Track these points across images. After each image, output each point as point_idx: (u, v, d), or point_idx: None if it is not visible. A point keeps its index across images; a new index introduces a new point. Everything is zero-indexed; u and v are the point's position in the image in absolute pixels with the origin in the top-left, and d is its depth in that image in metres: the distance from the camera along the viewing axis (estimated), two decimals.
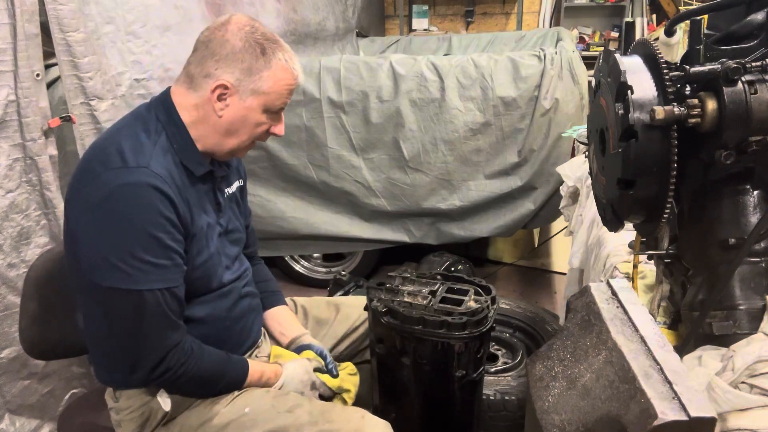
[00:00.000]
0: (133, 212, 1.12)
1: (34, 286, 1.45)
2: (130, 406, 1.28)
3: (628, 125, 0.95)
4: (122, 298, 1.13)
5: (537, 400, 0.97)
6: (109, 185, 1.12)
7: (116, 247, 1.11)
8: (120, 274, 1.11)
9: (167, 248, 1.15)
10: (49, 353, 1.52)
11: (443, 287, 1.51)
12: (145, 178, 1.13)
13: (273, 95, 1.24)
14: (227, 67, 1.20)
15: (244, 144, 1.29)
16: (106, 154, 1.16)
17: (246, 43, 1.20)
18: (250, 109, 1.24)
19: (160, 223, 1.13)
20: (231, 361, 1.30)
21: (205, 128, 1.25)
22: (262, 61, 1.21)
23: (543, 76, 2.66)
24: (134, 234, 1.11)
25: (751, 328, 0.99)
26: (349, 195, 2.91)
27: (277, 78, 1.23)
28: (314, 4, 3.64)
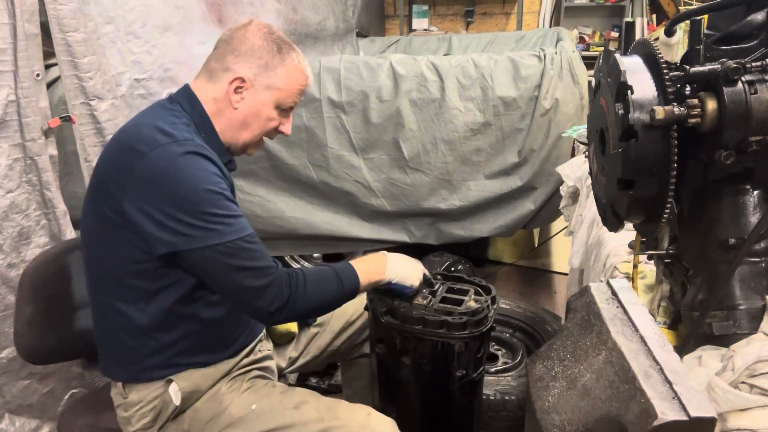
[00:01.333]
0: (197, 176, 1.16)
1: (28, 290, 1.45)
2: (140, 401, 1.29)
3: (628, 125, 0.95)
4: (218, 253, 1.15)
5: (537, 400, 0.97)
6: (165, 159, 1.15)
7: (194, 212, 1.14)
8: (206, 232, 1.15)
9: (232, 201, 1.21)
10: (45, 357, 1.52)
11: (443, 287, 1.51)
12: (196, 149, 1.19)
13: (285, 92, 1.32)
14: (245, 62, 1.29)
15: (256, 138, 1.36)
16: (147, 136, 1.19)
17: (264, 41, 1.30)
18: (263, 103, 1.31)
19: (218, 182, 1.19)
20: (339, 273, 1.30)
21: (223, 121, 1.31)
22: (278, 59, 1.30)
23: (543, 76, 2.66)
24: (204, 194, 1.15)
25: (751, 328, 0.99)
26: (349, 195, 2.91)
27: (290, 76, 1.32)
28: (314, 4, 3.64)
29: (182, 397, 1.28)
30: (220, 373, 1.34)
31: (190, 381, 1.29)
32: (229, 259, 1.16)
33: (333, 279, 1.28)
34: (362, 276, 1.32)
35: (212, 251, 1.15)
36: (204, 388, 1.32)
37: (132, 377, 1.29)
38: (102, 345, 1.33)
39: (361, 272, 1.32)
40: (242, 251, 1.17)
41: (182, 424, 1.31)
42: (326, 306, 1.33)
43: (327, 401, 1.35)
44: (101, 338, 1.33)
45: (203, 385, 1.32)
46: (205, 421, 1.30)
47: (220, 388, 1.33)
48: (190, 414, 1.31)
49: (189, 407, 1.31)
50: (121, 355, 1.29)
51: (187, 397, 1.29)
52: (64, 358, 1.56)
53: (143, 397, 1.29)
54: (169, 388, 1.28)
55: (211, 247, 1.15)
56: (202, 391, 1.32)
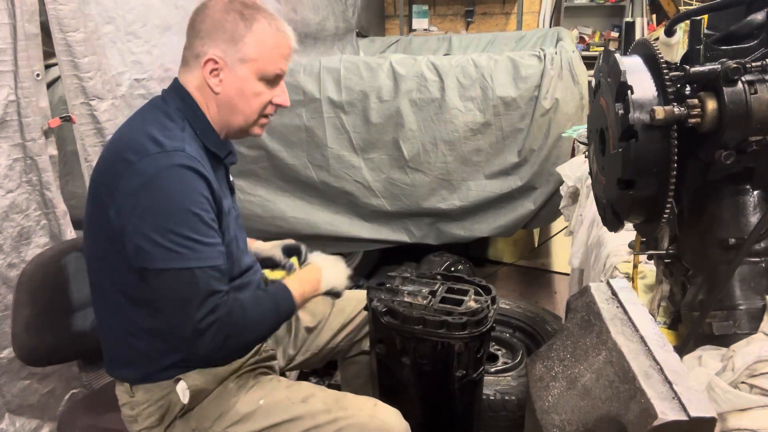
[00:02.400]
0: (176, 193, 1.12)
1: (26, 291, 1.44)
2: (148, 400, 1.29)
3: (628, 125, 0.95)
4: (172, 278, 1.13)
5: (537, 400, 0.97)
6: (150, 170, 1.12)
7: (164, 229, 1.11)
8: (171, 254, 1.11)
9: (209, 227, 1.16)
10: (43, 359, 1.52)
11: (443, 287, 1.51)
12: (184, 161, 1.14)
13: (262, 60, 1.22)
14: (211, 41, 1.21)
15: (252, 119, 1.28)
16: (137, 143, 1.16)
17: (224, 13, 1.20)
18: (243, 79, 1.23)
19: (201, 202, 1.15)
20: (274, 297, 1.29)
21: (212, 108, 1.26)
22: (242, 27, 1.20)
23: (543, 76, 2.66)
24: (181, 214, 1.12)
25: (751, 328, 0.99)
26: (349, 195, 2.91)
27: (261, 41, 1.22)
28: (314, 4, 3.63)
29: (190, 395, 1.28)
30: (228, 371, 1.34)
31: (198, 380, 1.29)
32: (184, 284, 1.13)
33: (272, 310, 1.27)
34: (298, 297, 1.32)
35: (167, 274, 1.12)
36: (212, 386, 1.32)
37: (141, 379, 1.29)
38: (109, 347, 1.33)
39: (297, 294, 1.32)
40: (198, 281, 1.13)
41: (189, 422, 1.31)
42: (262, 337, 1.34)
43: (333, 393, 1.36)
44: (108, 341, 1.32)
45: (211, 383, 1.32)
46: (212, 418, 1.30)
47: (227, 386, 1.34)
48: (197, 412, 1.31)
49: (196, 405, 1.31)
50: (130, 357, 1.29)
51: (195, 395, 1.29)
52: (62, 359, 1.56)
53: (150, 396, 1.29)
54: (177, 387, 1.28)
55: (167, 270, 1.12)
56: (210, 389, 1.32)
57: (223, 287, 1.18)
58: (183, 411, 1.30)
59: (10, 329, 1.45)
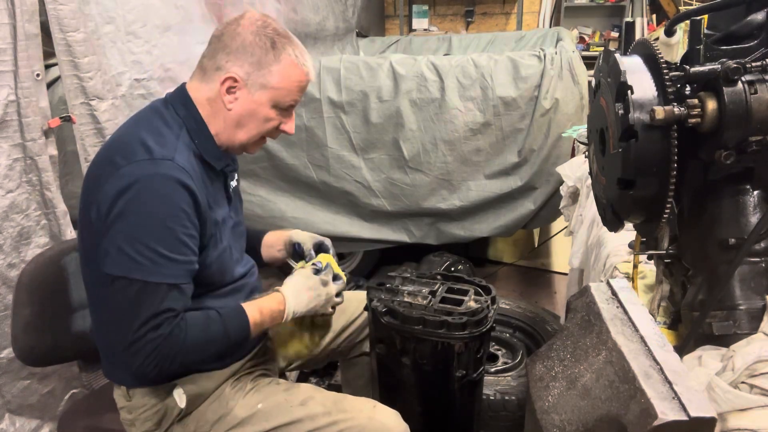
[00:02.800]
0: (155, 203, 1.11)
1: (26, 291, 1.44)
2: (144, 405, 1.28)
3: (628, 125, 0.95)
4: (126, 286, 1.11)
5: (537, 400, 0.97)
6: (134, 175, 1.11)
7: (133, 237, 1.10)
8: (133, 263, 1.10)
9: (182, 243, 1.14)
10: (42, 359, 1.51)
11: (443, 287, 1.51)
12: (169, 171, 1.13)
13: (282, 91, 1.25)
14: (237, 60, 1.22)
15: (254, 138, 1.29)
16: (128, 147, 1.16)
17: (256, 36, 1.21)
18: (258, 103, 1.24)
19: (179, 217, 1.13)
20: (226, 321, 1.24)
21: (218, 122, 1.26)
22: (271, 55, 1.22)
23: (543, 76, 2.66)
24: (152, 225, 1.11)
25: (751, 328, 0.99)
26: (349, 195, 2.91)
27: (286, 73, 1.24)
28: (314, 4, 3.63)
29: (187, 400, 1.28)
30: (225, 375, 1.34)
31: (195, 385, 1.29)
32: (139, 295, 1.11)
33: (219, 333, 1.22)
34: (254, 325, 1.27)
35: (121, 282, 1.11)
36: (209, 391, 1.31)
37: (136, 383, 1.28)
38: (105, 351, 1.32)
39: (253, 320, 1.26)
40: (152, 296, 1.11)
41: (187, 426, 1.30)
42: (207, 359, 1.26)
43: (332, 395, 1.35)
44: (103, 344, 1.31)
45: (208, 387, 1.31)
46: (211, 422, 1.29)
47: (224, 390, 1.33)
48: (195, 416, 1.30)
49: (194, 409, 1.31)
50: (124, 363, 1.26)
51: (192, 400, 1.29)
52: (62, 360, 1.56)
53: (147, 401, 1.28)
54: (174, 392, 1.27)
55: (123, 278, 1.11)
56: (207, 393, 1.31)
57: (176, 306, 1.15)
58: (180, 416, 1.29)
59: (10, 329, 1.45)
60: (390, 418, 1.31)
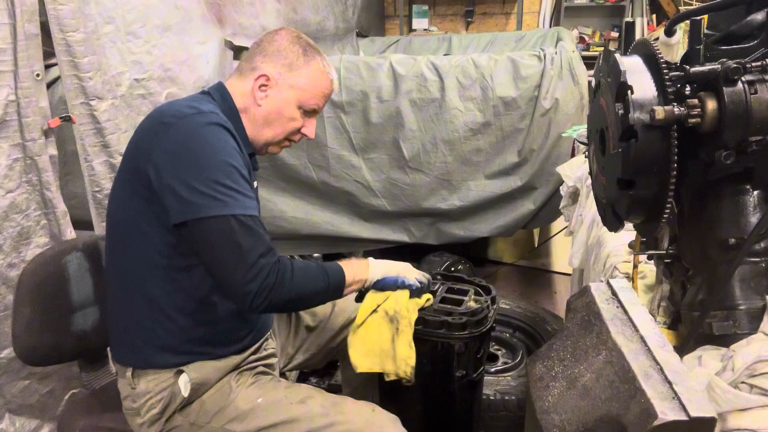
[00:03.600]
0: (215, 146, 1.21)
1: (27, 291, 1.44)
2: (149, 391, 1.30)
3: (628, 125, 0.95)
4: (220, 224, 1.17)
5: (537, 400, 0.97)
6: (189, 128, 1.21)
7: (205, 178, 1.17)
8: (214, 201, 1.17)
9: (245, 179, 1.24)
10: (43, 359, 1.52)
11: (443, 287, 1.51)
12: (219, 120, 1.24)
13: (308, 93, 1.38)
14: (271, 62, 1.36)
15: (278, 137, 1.40)
16: (174, 109, 1.25)
17: (291, 44, 1.38)
18: (286, 101, 1.37)
19: (236, 157, 1.23)
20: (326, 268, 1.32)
21: (248, 116, 1.38)
22: (302, 60, 1.37)
23: (543, 76, 2.66)
24: (219, 165, 1.19)
25: (751, 328, 0.99)
26: (349, 195, 2.91)
27: (314, 77, 1.38)
28: (314, 4, 3.63)
29: (191, 388, 1.29)
30: (229, 367, 1.35)
31: (200, 372, 1.30)
32: (230, 231, 1.17)
33: (319, 273, 1.30)
34: (348, 274, 1.34)
35: (216, 221, 1.17)
36: (212, 381, 1.33)
37: (144, 362, 1.30)
38: (117, 330, 1.36)
39: (347, 271, 1.34)
40: (243, 228, 1.18)
41: (189, 415, 1.32)
42: (309, 298, 1.33)
43: (332, 397, 1.36)
44: (117, 323, 1.35)
45: (212, 377, 1.33)
46: (211, 413, 1.31)
47: (227, 382, 1.34)
48: (196, 406, 1.32)
49: (196, 399, 1.32)
50: (135, 337, 1.31)
51: (196, 388, 1.30)
52: (62, 359, 1.56)
53: (152, 387, 1.30)
54: (179, 379, 1.29)
55: (215, 218, 1.17)
56: (211, 383, 1.33)
57: (267, 236, 1.22)
58: (182, 404, 1.31)
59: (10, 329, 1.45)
60: (388, 423, 1.31)
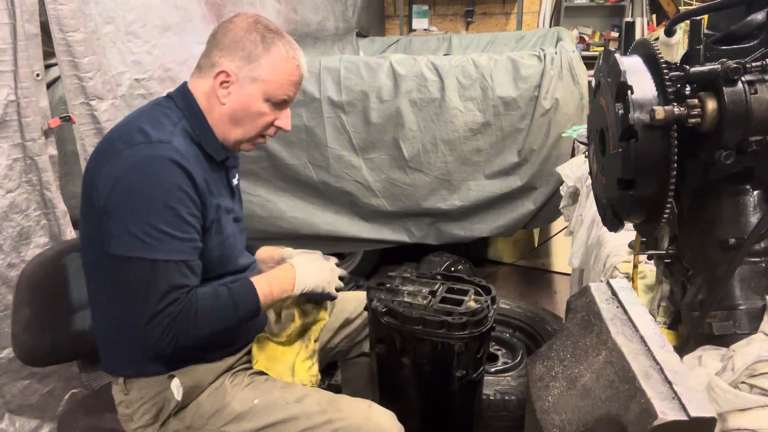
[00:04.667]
0: (154, 184, 1.15)
1: (27, 291, 1.44)
2: (142, 398, 1.29)
3: (628, 125, 0.95)
4: (135, 265, 1.14)
5: (537, 400, 0.97)
6: (132, 159, 1.15)
7: (137, 218, 1.14)
8: (139, 243, 1.13)
9: (185, 222, 1.17)
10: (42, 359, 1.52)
11: (443, 287, 1.51)
12: (166, 152, 1.16)
13: (273, 84, 1.27)
14: (229, 55, 1.26)
15: (249, 135, 1.31)
16: (127, 134, 1.20)
17: (247, 32, 1.25)
18: (250, 96, 1.27)
19: (179, 197, 1.16)
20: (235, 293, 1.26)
21: (214, 116, 1.29)
22: (261, 49, 1.25)
23: (543, 76, 2.66)
24: (154, 205, 1.14)
25: (751, 328, 0.99)
26: (349, 195, 2.91)
27: (275, 66, 1.26)
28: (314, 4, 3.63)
29: (184, 392, 1.28)
30: (222, 368, 1.35)
31: (191, 376, 1.30)
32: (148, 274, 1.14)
33: (228, 306, 1.23)
34: (263, 297, 1.28)
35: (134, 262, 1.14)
36: (206, 383, 1.32)
37: (134, 372, 1.29)
38: (103, 342, 1.33)
39: (263, 293, 1.28)
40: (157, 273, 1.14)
41: (184, 419, 1.31)
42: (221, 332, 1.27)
43: (328, 395, 1.36)
44: (102, 335, 1.33)
45: (205, 380, 1.32)
46: (207, 416, 1.30)
47: (221, 383, 1.33)
48: (191, 409, 1.31)
49: (191, 402, 1.31)
50: (122, 351, 1.29)
51: (189, 392, 1.30)
52: (61, 359, 1.56)
53: (144, 393, 1.29)
54: (171, 384, 1.28)
55: (135, 259, 1.14)
56: (204, 386, 1.32)
57: (187, 282, 1.18)
58: (177, 408, 1.30)
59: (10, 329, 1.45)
60: (385, 419, 1.31)
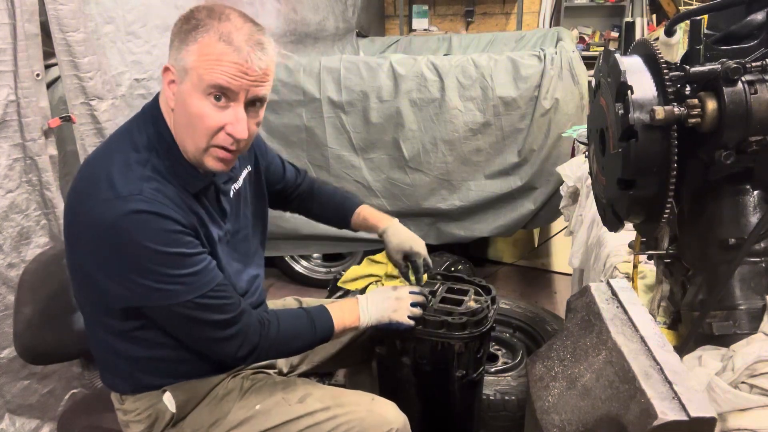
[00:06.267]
0: (146, 237, 1.05)
1: (28, 290, 1.44)
2: (136, 409, 1.28)
3: (628, 125, 0.95)
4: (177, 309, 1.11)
5: (537, 400, 0.97)
6: (108, 219, 1.04)
7: (146, 270, 1.07)
8: (162, 293, 1.09)
9: (192, 256, 1.11)
10: (45, 358, 1.52)
11: (443, 287, 1.51)
12: (139, 206, 1.05)
13: (201, 68, 1.04)
14: (169, 49, 1.11)
15: (199, 145, 1.10)
16: (96, 181, 1.08)
17: (185, 21, 1.09)
18: (188, 93, 1.07)
19: (173, 240, 1.08)
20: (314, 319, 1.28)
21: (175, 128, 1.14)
22: (192, 36, 1.06)
23: (543, 76, 2.66)
24: (156, 257, 1.06)
25: (751, 328, 0.99)
26: None
27: (204, 50, 1.04)
28: (314, 4, 3.63)
29: (177, 405, 1.27)
30: (219, 377, 1.33)
31: (183, 389, 1.28)
32: (190, 313, 1.11)
33: (306, 327, 1.26)
34: (337, 323, 1.30)
35: (169, 309, 1.11)
36: (201, 394, 1.30)
37: (128, 389, 1.28)
38: (97, 359, 1.32)
39: (336, 318, 1.30)
40: (203, 307, 1.12)
41: (183, 430, 1.29)
42: (298, 351, 1.32)
43: (330, 390, 1.35)
44: (96, 354, 1.30)
45: (200, 390, 1.30)
46: (207, 425, 1.29)
47: (219, 392, 1.32)
48: (190, 420, 1.29)
49: (188, 414, 1.30)
50: (115, 372, 1.28)
51: (184, 404, 1.28)
52: (63, 358, 1.56)
53: (139, 405, 1.28)
54: (164, 397, 1.27)
55: (167, 307, 1.11)
56: (200, 397, 1.30)
57: (232, 295, 1.17)
58: (174, 420, 1.28)
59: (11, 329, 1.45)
60: (389, 410, 1.31)
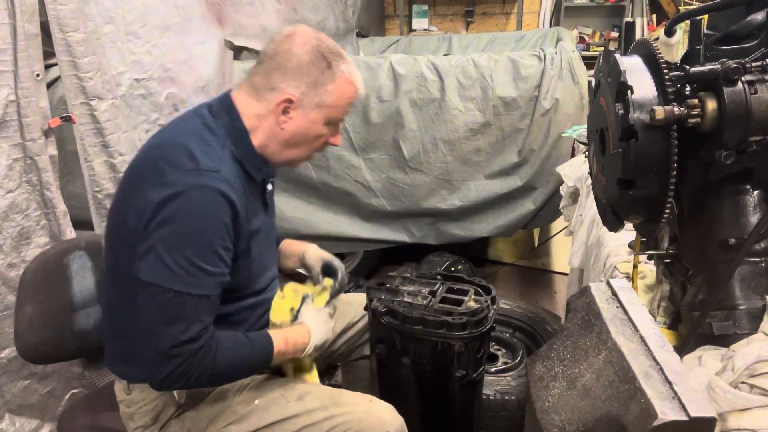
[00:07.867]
0: (197, 215, 1.12)
1: (29, 289, 1.45)
2: (143, 399, 1.29)
3: (628, 125, 0.95)
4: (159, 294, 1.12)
5: (537, 400, 0.97)
6: (179, 185, 1.12)
7: (172, 247, 1.11)
8: (170, 274, 1.11)
9: (218, 256, 1.15)
10: (45, 357, 1.52)
11: (443, 287, 1.51)
12: (215, 183, 1.13)
13: (336, 108, 1.28)
14: (293, 81, 1.23)
15: (304, 155, 1.33)
16: (173, 155, 1.16)
17: (312, 56, 1.23)
18: (313, 122, 1.27)
19: (219, 230, 1.14)
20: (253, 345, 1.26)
21: (266, 137, 1.27)
22: (328, 75, 1.24)
23: (543, 76, 2.66)
24: (193, 236, 1.12)
25: (751, 328, 0.99)
26: (349, 195, 2.91)
27: (341, 91, 1.26)
28: (314, 4, 3.63)
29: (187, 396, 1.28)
30: None
31: None
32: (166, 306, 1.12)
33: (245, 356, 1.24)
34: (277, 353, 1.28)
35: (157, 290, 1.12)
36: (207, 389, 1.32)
37: (139, 378, 1.29)
38: (110, 343, 1.34)
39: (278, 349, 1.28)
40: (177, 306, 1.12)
41: (185, 423, 1.31)
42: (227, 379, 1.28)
43: (329, 390, 1.36)
44: (111, 337, 1.33)
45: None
46: (208, 419, 1.30)
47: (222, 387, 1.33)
48: (193, 413, 1.31)
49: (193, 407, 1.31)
50: (129, 355, 1.29)
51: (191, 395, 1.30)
52: (64, 357, 1.57)
53: (146, 395, 1.29)
54: None
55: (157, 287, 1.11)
56: (206, 392, 1.32)
57: (206, 319, 1.16)
58: (179, 411, 1.30)
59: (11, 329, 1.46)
60: (386, 412, 1.32)
